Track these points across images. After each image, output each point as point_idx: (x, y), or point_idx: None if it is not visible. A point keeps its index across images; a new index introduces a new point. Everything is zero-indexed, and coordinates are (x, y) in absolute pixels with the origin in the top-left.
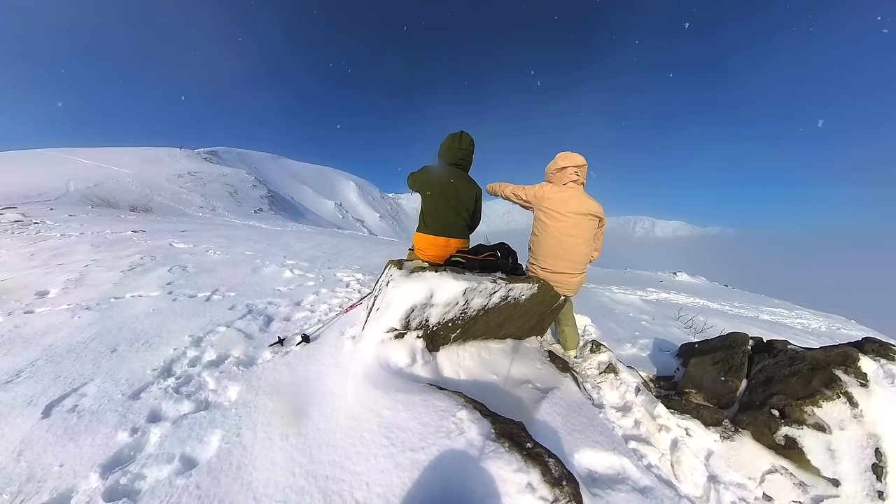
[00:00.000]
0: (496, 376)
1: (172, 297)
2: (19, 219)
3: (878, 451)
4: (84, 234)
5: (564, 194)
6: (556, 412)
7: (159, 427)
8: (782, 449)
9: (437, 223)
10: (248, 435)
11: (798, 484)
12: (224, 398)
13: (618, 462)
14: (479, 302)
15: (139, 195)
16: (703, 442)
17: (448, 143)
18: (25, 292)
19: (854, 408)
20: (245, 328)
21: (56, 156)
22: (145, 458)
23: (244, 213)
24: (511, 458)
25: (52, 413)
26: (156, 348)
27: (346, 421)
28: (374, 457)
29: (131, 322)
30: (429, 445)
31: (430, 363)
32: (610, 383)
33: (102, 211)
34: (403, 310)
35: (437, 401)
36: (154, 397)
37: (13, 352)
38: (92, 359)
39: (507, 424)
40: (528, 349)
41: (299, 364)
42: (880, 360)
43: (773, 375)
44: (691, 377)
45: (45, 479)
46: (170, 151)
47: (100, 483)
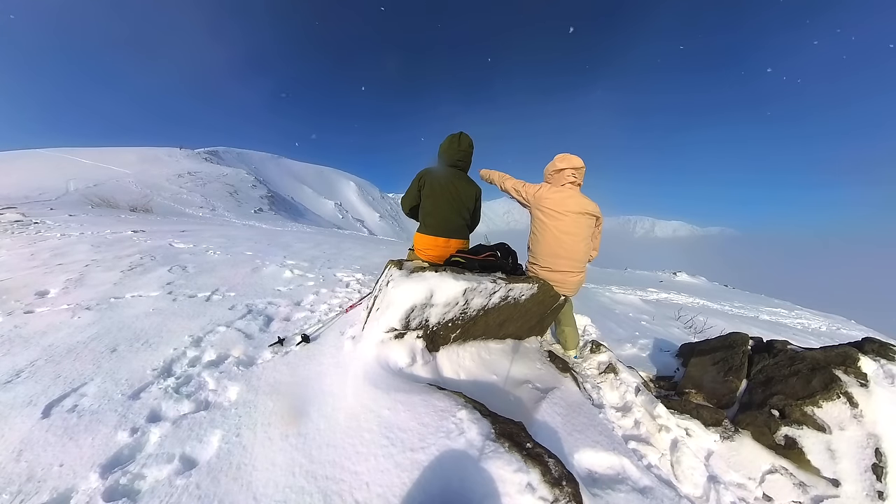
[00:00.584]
0: (496, 376)
1: (172, 297)
2: (19, 219)
3: (878, 451)
4: (84, 234)
5: (562, 194)
6: (556, 412)
7: (159, 427)
8: (782, 449)
9: (437, 223)
10: (247, 435)
11: (798, 484)
12: (224, 398)
13: (618, 462)
14: (479, 302)
15: (139, 195)
16: (703, 442)
17: (447, 144)
18: (25, 292)
19: (854, 408)
20: (245, 328)
21: (56, 156)
22: (145, 458)
23: (244, 213)
24: (511, 458)
25: (51, 413)
26: (156, 348)
27: (346, 421)
28: (374, 457)
29: (131, 322)
30: (429, 445)
31: (430, 363)
32: (610, 383)
33: (102, 211)
34: (403, 310)
35: (437, 401)
36: (154, 397)
37: (13, 352)
38: (92, 359)
39: (507, 424)
40: (528, 349)
41: (299, 364)
42: (880, 361)
43: (773, 375)
44: (691, 377)
45: (45, 479)
46: (170, 151)
47: (100, 483)
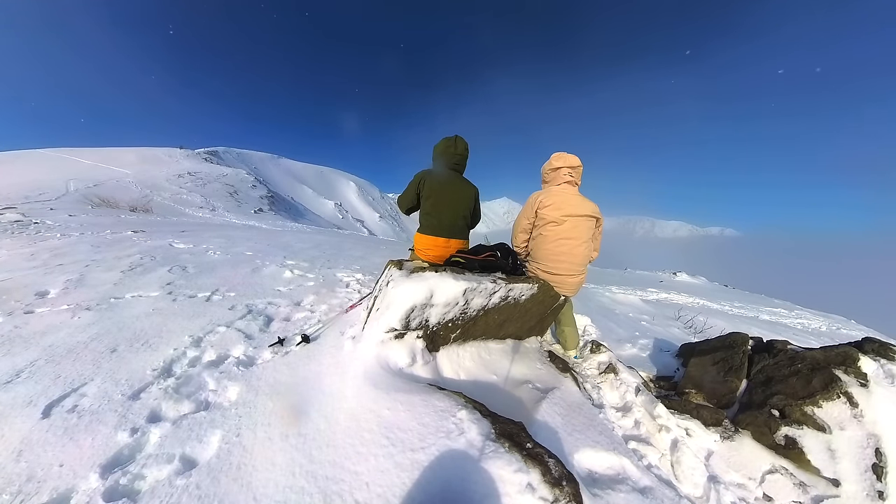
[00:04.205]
0: (496, 376)
1: (172, 297)
2: (19, 219)
3: (879, 451)
4: (84, 235)
5: (560, 195)
6: (556, 412)
7: (159, 427)
8: (782, 449)
9: (437, 224)
10: (248, 435)
11: (798, 484)
12: (224, 398)
13: (618, 462)
14: (479, 302)
15: (139, 195)
16: (703, 442)
17: (444, 146)
18: (25, 292)
19: (854, 408)
20: (245, 328)
21: (56, 156)
22: (145, 459)
23: (244, 213)
24: (511, 458)
25: (52, 413)
26: (156, 348)
27: (346, 421)
28: (374, 457)
29: (131, 322)
30: (429, 445)
31: (430, 363)
32: (610, 383)
33: (102, 211)
34: (403, 310)
35: (437, 401)
36: (154, 397)
37: (13, 352)
38: (92, 359)
39: (507, 424)
40: (528, 349)
41: (299, 364)
42: (880, 360)
43: (773, 375)
44: (691, 377)
45: (45, 479)
46: (169, 152)
47: (100, 483)
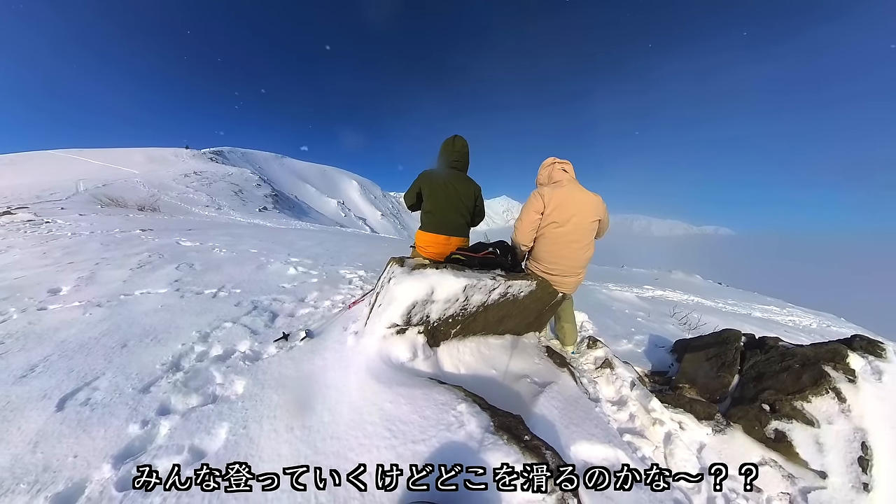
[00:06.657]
0: (495, 371)
1: (180, 293)
2: (31, 218)
3: (865, 444)
4: (94, 233)
5: (563, 192)
6: (554, 406)
7: (168, 419)
8: (772, 442)
9: (438, 221)
10: (254, 427)
11: (787, 476)
12: (231, 392)
13: (613, 454)
14: (479, 298)
15: (147, 195)
16: (695, 435)
17: (443, 146)
18: (38, 290)
19: (842, 403)
20: (251, 324)
21: (66, 157)
22: (156, 450)
23: (249, 212)
24: (509, 450)
25: (65, 406)
26: (164, 344)
27: (350, 414)
28: (377, 448)
29: (140, 318)
30: (430, 437)
31: (431, 358)
32: (606, 378)
33: (111, 210)
34: (405, 306)
35: (438, 394)
36: (163, 391)
37: (27, 347)
38: (103, 354)
39: (506, 417)
40: (527, 345)
41: (303, 359)
42: (868, 357)
43: (764, 371)
44: (685, 372)
45: (61, 470)
46: (176, 152)
47: (112, 473)
